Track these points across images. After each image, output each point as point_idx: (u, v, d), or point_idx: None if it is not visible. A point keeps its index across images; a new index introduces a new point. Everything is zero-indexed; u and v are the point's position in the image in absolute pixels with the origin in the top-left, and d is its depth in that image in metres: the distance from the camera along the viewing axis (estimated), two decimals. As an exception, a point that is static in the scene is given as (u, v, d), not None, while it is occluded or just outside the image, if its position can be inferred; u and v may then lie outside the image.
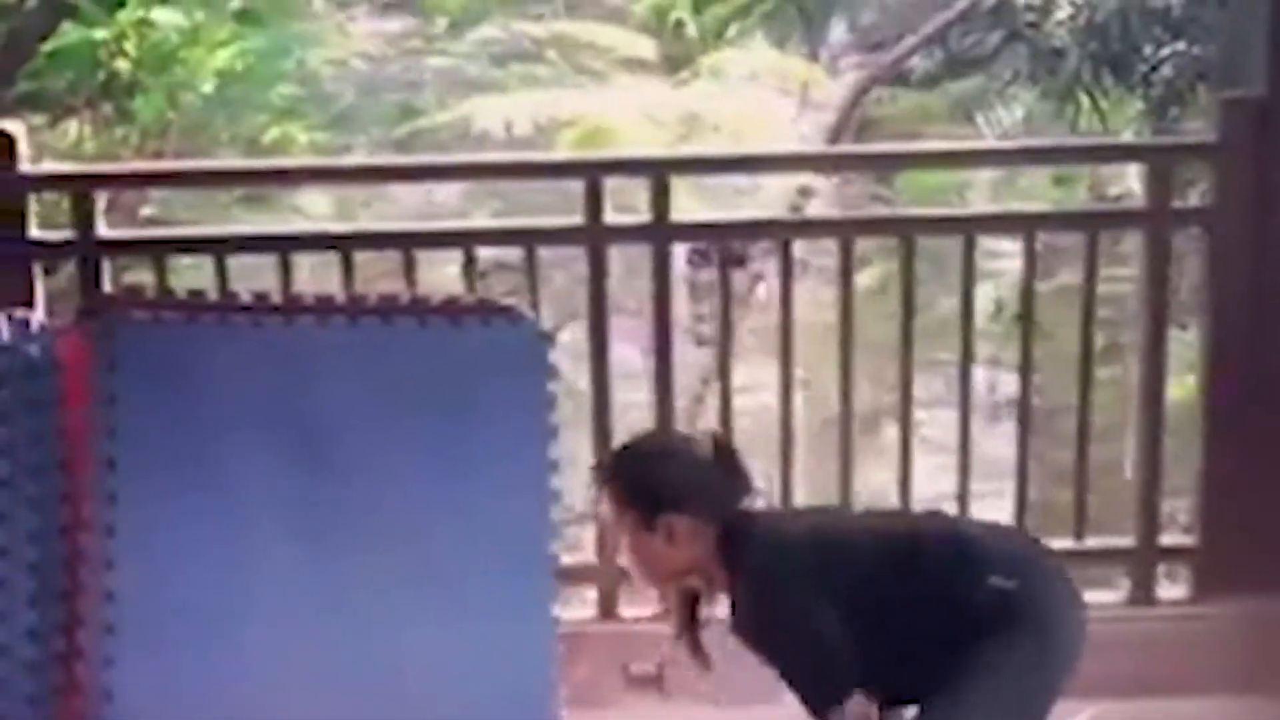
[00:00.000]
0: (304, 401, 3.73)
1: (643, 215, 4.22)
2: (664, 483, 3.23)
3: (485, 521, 3.68)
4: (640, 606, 4.41)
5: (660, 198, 4.14)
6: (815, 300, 6.27)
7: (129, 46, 10.67)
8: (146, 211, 9.34)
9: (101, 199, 4.22)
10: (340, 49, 11.12)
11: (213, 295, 3.85)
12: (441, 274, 4.54)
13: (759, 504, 3.36)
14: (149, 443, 3.69)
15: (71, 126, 10.58)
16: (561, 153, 8.71)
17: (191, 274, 4.29)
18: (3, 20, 10.57)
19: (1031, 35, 9.67)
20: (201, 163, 7.09)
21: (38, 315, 3.85)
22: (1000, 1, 9.78)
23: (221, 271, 4.11)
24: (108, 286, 4.13)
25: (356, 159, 8.40)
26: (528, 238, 4.15)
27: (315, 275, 4.41)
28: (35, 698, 3.67)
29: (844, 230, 4.45)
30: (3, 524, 3.63)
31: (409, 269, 4.16)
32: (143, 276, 4.29)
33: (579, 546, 4.41)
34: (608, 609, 4.39)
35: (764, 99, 9.69)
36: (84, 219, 4.05)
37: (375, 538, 3.65)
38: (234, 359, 3.74)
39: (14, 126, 4.05)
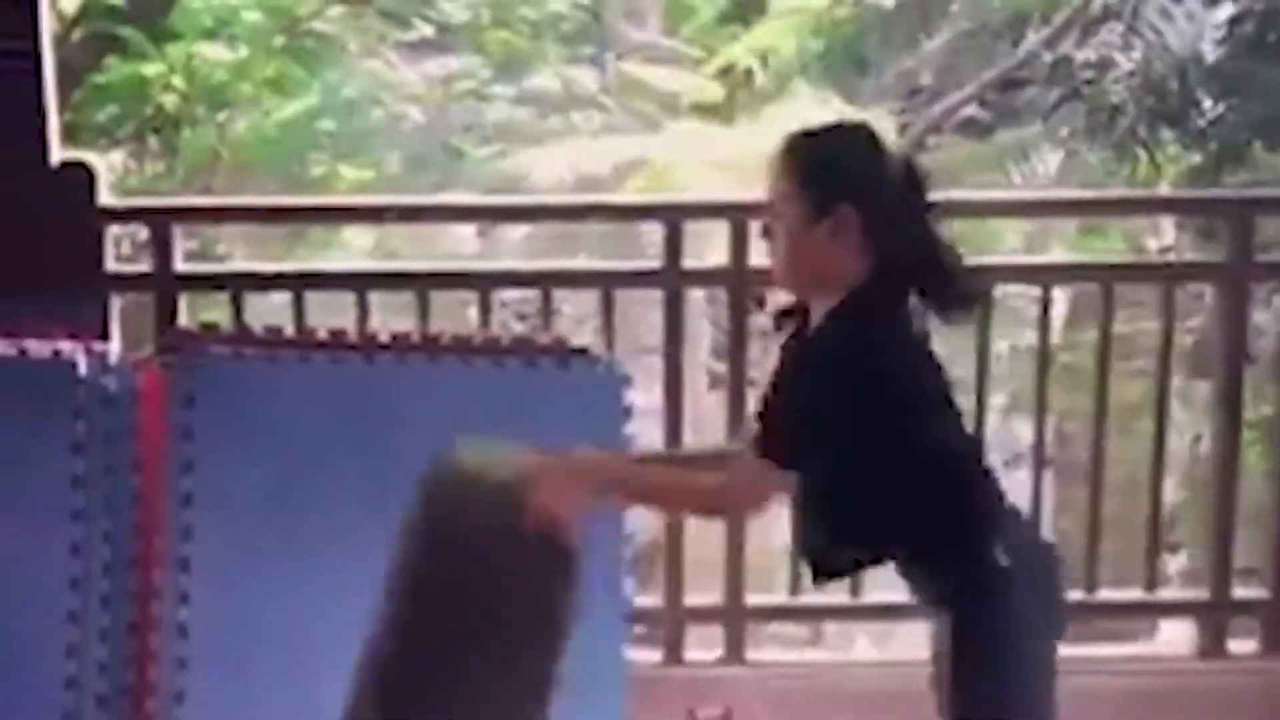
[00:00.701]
0: (381, 439, 3.71)
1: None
2: (852, 170, 2.95)
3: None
4: (706, 650, 4.39)
5: (739, 242, 4.13)
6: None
7: (177, 81, 10.71)
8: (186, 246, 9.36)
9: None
10: (390, 89, 11.13)
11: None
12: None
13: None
14: (225, 477, 3.68)
15: (115, 160, 10.62)
16: (640, 195, 8.65)
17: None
18: (48, 52, 10.58)
19: (1089, 92, 9.66)
20: (281, 199, 7.06)
21: (115, 348, 3.85)
22: (1059, 58, 9.80)
23: (299, 307, 4.10)
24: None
25: (440, 197, 8.33)
26: (605, 280, 4.13)
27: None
28: (106, 731, 3.66)
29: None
30: (78, 556, 3.62)
31: (484, 309, 4.14)
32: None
33: (646, 588, 4.36)
34: (674, 653, 4.35)
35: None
36: (162, 252, 4.04)
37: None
38: (311, 396, 3.74)
39: (94, 159, 4.05)
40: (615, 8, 11.66)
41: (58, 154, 3.97)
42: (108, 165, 9.97)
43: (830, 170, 2.95)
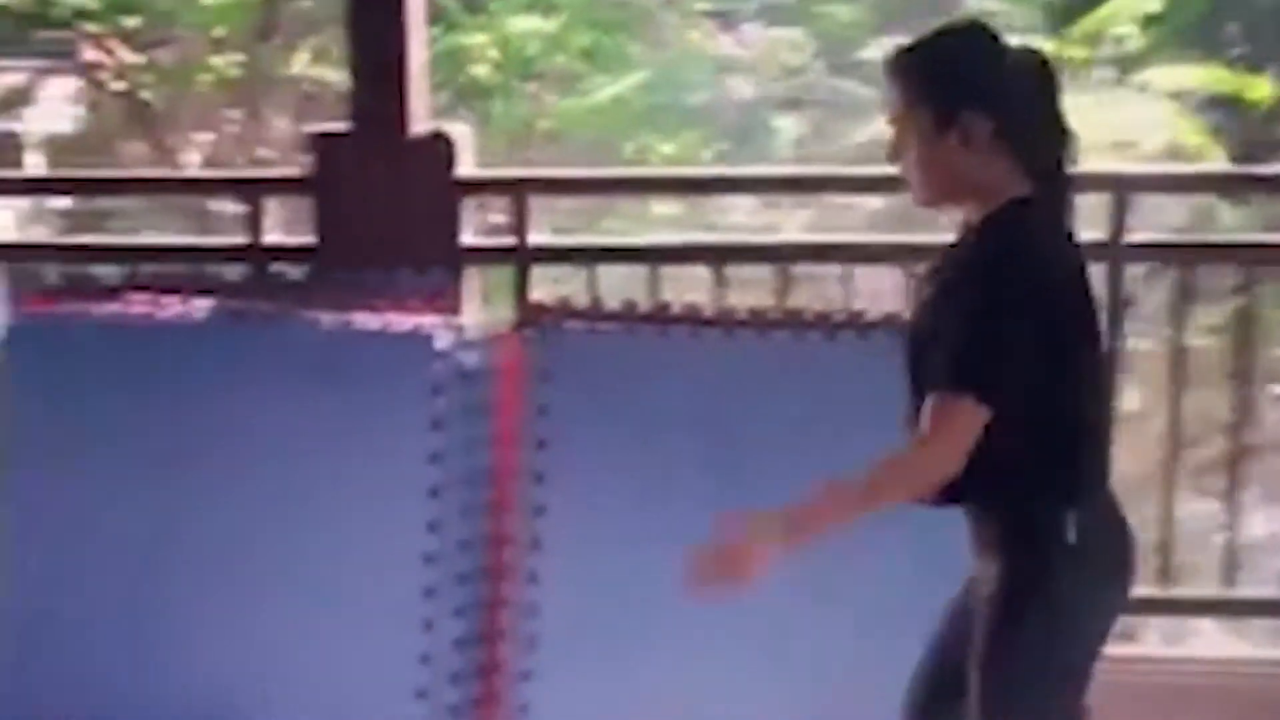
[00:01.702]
0: (737, 415, 3.62)
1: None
2: (973, 75, 2.78)
3: (897, 537, 3.52)
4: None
5: (1119, 214, 3.91)
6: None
7: (492, 52, 10.76)
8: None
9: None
10: (711, 61, 11.02)
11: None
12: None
13: None
14: (578, 455, 3.62)
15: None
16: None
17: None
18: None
19: None
20: (637, 170, 6.94)
21: (473, 322, 3.81)
22: None
23: (654, 280, 4.00)
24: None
25: (812, 168, 8.08)
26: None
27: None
28: (457, 708, 3.63)
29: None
30: (434, 532, 3.59)
31: (847, 281, 4.00)
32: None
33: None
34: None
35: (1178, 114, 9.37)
36: (519, 224, 3.96)
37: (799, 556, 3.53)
38: (668, 371, 3.65)
39: (459, 130, 3.99)
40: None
41: (421, 125, 3.92)
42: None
43: (950, 77, 2.77)
